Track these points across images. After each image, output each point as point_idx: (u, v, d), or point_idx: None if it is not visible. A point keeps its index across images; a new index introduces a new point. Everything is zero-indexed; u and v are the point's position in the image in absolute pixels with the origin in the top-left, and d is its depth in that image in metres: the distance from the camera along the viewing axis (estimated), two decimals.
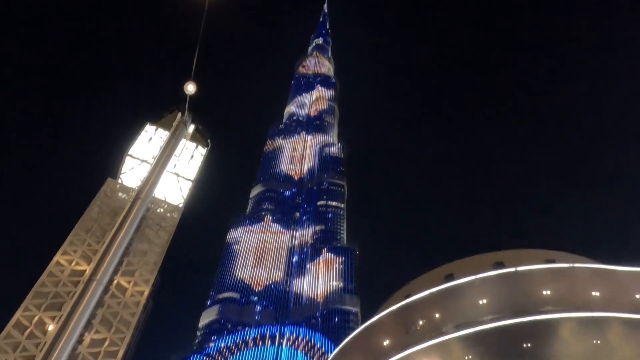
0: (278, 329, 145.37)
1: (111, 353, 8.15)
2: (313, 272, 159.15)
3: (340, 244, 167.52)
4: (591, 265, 45.44)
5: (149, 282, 10.20)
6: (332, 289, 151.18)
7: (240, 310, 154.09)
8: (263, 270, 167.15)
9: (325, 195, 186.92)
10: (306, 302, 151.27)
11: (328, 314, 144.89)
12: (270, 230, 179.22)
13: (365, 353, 48.80)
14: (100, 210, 11.72)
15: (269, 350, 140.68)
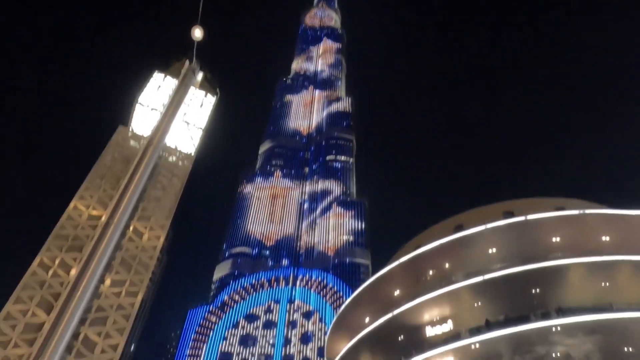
0: (292, 271, 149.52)
1: (132, 293, 8.52)
2: (324, 227, 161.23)
3: (350, 198, 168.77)
4: (601, 211, 45.31)
5: (164, 228, 10.43)
6: (342, 243, 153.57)
7: (252, 264, 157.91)
8: (274, 225, 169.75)
9: (334, 150, 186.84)
10: (317, 256, 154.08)
11: (339, 266, 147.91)
12: (280, 186, 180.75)
13: (377, 303, 49.94)
14: (113, 157, 11.85)
15: (283, 291, 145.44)
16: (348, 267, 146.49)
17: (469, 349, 39.62)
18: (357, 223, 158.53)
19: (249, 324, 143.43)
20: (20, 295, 7.99)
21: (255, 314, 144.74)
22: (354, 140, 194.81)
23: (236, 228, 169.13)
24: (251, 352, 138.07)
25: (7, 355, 7.01)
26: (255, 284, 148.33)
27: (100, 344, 8.02)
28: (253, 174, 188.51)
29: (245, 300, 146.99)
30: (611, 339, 36.77)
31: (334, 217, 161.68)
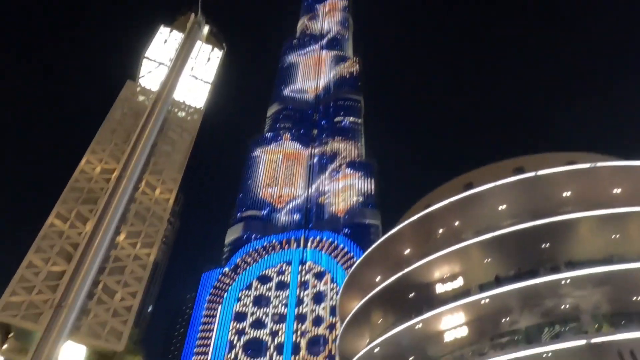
0: (302, 233, 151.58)
1: (147, 244, 8.74)
2: (333, 188, 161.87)
3: (359, 159, 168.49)
4: (613, 163, 44.70)
5: (176, 181, 10.56)
6: (352, 204, 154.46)
7: (263, 226, 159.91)
8: (284, 188, 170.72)
9: (342, 111, 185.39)
10: (328, 218, 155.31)
11: (349, 228, 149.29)
12: (289, 148, 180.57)
13: (388, 262, 50.49)
14: (122, 112, 11.89)
15: (295, 253, 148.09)
16: (358, 228, 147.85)
17: (478, 304, 40.23)
18: (367, 184, 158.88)
19: (262, 286, 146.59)
20: (40, 245, 8.30)
21: (268, 276, 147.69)
22: (362, 101, 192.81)
23: (246, 191, 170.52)
24: (265, 312, 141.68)
25: (33, 301, 7.33)
26: (266, 246, 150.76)
27: (120, 292, 8.38)
28: (261, 136, 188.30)
29: (257, 263, 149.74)
30: (620, 290, 37.10)
31: (343, 178, 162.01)
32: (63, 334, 5.78)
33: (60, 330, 5.70)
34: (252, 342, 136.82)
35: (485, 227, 44.08)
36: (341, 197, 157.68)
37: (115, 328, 6.31)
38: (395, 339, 44.37)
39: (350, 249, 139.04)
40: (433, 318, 42.24)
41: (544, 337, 37.07)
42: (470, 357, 39.42)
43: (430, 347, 44.31)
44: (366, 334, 52.72)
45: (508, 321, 40.36)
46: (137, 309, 7.30)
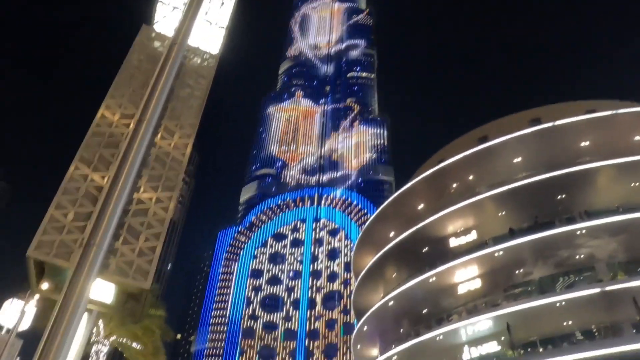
0: (316, 191, 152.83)
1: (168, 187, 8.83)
2: (346, 145, 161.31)
3: (372, 115, 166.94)
4: (635, 109, 42.93)
5: (194, 126, 10.64)
6: (366, 161, 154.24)
7: (277, 184, 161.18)
8: (297, 145, 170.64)
9: (355, 67, 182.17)
10: (341, 175, 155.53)
11: (363, 184, 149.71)
12: (302, 105, 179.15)
13: (402, 217, 50.53)
14: (139, 58, 11.86)
15: (309, 210, 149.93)
16: (372, 184, 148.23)
17: (492, 257, 40.38)
18: (380, 140, 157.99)
19: (277, 243, 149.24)
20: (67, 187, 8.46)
21: (283, 233, 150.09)
22: (375, 56, 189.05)
23: (260, 150, 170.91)
24: (280, 269, 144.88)
25: (63, 240, 7.63)
26: (281, 204, 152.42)
27: (144, 233, 8.56)
28: (274, 94, 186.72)
29: (272, 220, 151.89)
30: (636, 238, 36.69)
31: (356, 135, 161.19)
32: (93, 271, 6.00)
33: (90, 268, 5.92)
34: (269, 298, 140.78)
35: (500, 181, 43.62)
36: (354, 154, 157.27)
37: (141, 267, 6.53)
38: (409, 292, 45.05)
39: (363, 206, 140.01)
40: (447, 271, 42.65)
41: (558, 287, 37.28)
42: (483, 309, 39.99)
43: (443, 300, 45.00)
44: (380, 288, 53.65)
45: (522, 272, 40.65)
46: (160, 250, 7.51)
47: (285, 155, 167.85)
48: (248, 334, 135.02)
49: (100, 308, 6.88)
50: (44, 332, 5.05)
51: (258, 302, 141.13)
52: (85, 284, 5.33)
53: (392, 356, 45.28)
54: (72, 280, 5.41)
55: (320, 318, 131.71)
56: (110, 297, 6.71)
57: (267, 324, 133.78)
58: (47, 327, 5.14)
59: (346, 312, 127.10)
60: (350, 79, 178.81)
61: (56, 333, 5.00)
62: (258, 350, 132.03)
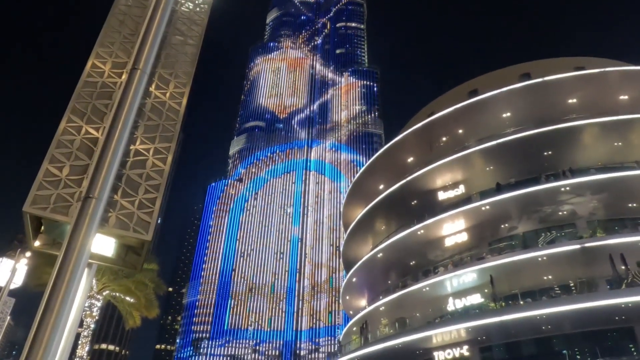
0: (306, 143, 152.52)
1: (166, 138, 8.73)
2: (336, 97, 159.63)
3: (361, 67, 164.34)
4: (622, 68, 43.47)
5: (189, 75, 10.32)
6: (355, 113, 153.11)
7: (267, 137, 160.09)
8: (286, 97, 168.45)
9: (344, 17, 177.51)
10: (330, 127, 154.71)
11: (353, 136, 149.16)
12: (290, 56, 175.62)
13: (391, 170, 51.00)
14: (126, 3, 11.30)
15: (299, 163, 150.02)
16: (362, 136, 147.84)
17: (479, 210, 41.15)
18: (370, 92, 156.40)
19: (267, 195, 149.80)
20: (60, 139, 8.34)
21: (273, 186, 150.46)
22: (364, 5, 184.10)
23: (248, 102, 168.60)
24: (270, 221, 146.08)
25: (60, 194, 7.59)
26: (270, 156, 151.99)
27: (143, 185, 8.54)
28: (262, 45, 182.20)
29: (262, 173, 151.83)
30: (616, 196, 37.77)
31: (345, 87, 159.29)
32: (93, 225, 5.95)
33: (90, 221, 5.87)
34: (259, 250, 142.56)
35: (489, 135, 43.92)
36: (344, 106, 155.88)
37: (142, 219, 6.52)
38: (397, 244, 45.98)
39: (353, 158, 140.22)
40: (434, 224, 43.44)
41: (540, 242, 38.35)
42: (468, 261, 41.08)
43: (430, 252, 46.08)
44: (369, 240, 54.67)
45: (507, 227, 41.63)
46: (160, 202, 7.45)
47: (274, 107, 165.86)
48: (238, 286, 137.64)
49: (101, 261, 6.81)
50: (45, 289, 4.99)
51: (248, 254, 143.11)
52: (86, 238, 5.24)
53: (380, 307, 46.71)
54: (72, 234, 5.30)
55: (308, 267, 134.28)
56: (111, 250, 6.63)
57: (256, 275, 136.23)
58: (48, 284, 5.06)
59: (335, 263, 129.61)
60: (339, 28, 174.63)
61: (58, 289, 4.93)
62: (248, 301, 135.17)
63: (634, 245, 33.60)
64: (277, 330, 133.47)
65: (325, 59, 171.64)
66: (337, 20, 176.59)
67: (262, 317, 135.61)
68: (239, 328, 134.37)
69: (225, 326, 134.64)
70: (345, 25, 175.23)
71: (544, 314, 33.45)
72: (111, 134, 9.18)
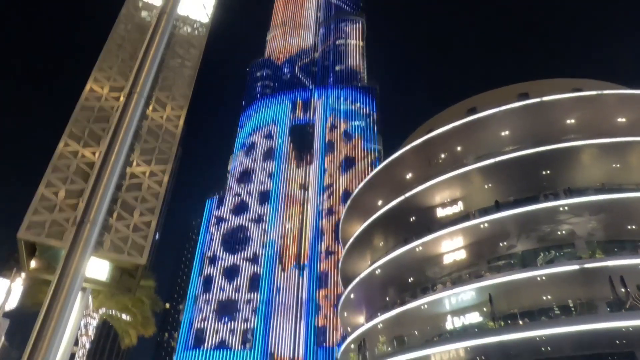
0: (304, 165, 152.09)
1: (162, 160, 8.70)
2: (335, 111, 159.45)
3: (360, 83, 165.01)
4: (619, 91, 44.13)
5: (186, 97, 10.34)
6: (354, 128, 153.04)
7: None
8: None
9: (344, 33, 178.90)
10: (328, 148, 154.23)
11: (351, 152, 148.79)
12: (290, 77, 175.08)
13: (390, 186, 51.03)
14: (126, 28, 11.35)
15: None
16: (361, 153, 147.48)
17: (478, 228, 41.12)
18: (369, 108, 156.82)
19: None
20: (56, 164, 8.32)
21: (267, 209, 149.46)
22: (364, 22, 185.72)
23: (248, 119, 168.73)
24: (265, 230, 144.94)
25: (55, 219, 7.53)
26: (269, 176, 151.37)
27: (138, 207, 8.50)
28: (262, 61, 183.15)
29: None
30: (615, 218, 37.85)
31: (345, 102, 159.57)
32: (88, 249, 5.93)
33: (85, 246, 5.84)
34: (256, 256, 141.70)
35: (488, 153, 44.16)
36: (342, 120, 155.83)
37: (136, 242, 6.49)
38: (396, 261, 45.82)
39: None
40: (433, 241, 43.36)
41: (539, 262, 38.24)
42: (467, 279, 40.90)
43: (429, 269, 45.90)
44: (368, 256, 54.46)
45: (505, 245, 41.53)
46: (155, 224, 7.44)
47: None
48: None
49: (95, 285, 6.81)
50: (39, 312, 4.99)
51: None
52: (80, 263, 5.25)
53: (378, 324, 46.37)
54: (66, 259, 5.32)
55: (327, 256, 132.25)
56: (105, 274, 6.63)
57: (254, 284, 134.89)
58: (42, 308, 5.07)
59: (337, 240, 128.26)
60: (339, 45, 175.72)
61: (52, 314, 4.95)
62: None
63: (634, 268, 33.54)
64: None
65: (324, 75, 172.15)
66: (337, 37, 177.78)
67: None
68: (237, 346, 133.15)
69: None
70: (344, 42, 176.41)
71: (543, 335, 33.22)
72: (107, 157, 9.21)
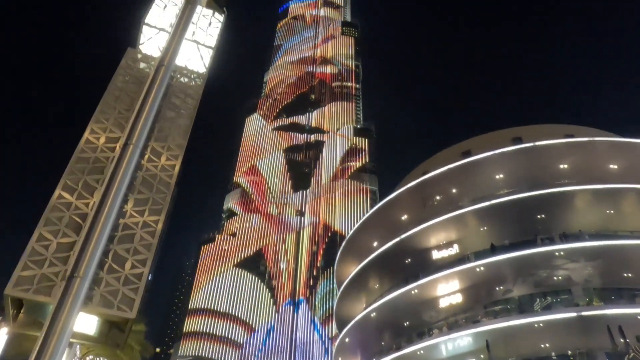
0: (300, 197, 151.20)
1: (155, 211, 8.63)
2: (331, 152, 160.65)
3: (357, 125, 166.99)
4: (610, 139, 44.98)
5: (181, 147, 10.43)
6: (350, 169, 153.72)
7: None
8: None
9: (340, 77, 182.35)
10: (325, 182, 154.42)
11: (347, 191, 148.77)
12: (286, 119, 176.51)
13: (385, 227, 50.80)
14: (124, 80, 11.56)
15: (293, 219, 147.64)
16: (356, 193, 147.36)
17: (473, 271, 40.84)
18: (365, 148, 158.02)
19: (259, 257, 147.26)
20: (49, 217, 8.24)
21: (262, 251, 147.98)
22: (360, 66, 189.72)
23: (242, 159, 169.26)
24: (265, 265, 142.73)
25: (44, 273, 7.34)
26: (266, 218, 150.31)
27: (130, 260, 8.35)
28: (258, 102, 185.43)
29: None
30: (611, 265, 37.73)
31: (341, 143, 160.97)
32: (76, 305, 5.80)
33: (73, 302, 5.72)
34: None
35: (482, 196, 44.32)
36: (339, 161, 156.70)
37: (126, 295, 6.36)
38: (391, 304, 45.20)
39: None
40: (429, 284, 42.92)
41: (536, 307, 37.82)
42: (464, 324, 40.27)
43: (425, 313, 45.21)
44: (363, 298, 53.69)
45: (502, 290, 41.10)
46: (147, 276, 7.38)
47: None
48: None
49: (83, 340, 6.70)
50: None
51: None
52: (68, 319, 5.19)
53: None
54: (54, 315, 5.26)
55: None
56: (93, 328, 6.54)
57: None
58: None
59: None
60: (335, 88, 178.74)
61: None
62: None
63: (633, 318, 33.18)
64: None
65: (320, 116, 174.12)
66: (333, 80, 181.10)
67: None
68: None
69: None
70: (341, 85, 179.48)
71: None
72: (101, 209, 9.24)
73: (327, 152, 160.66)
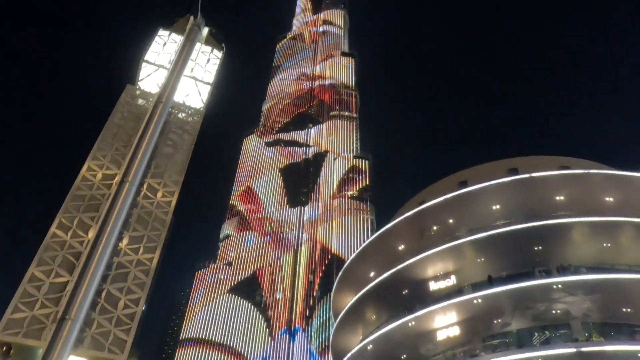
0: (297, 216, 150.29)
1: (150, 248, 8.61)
2: (327, 182, 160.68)
3: (354, 154, 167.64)
4: (606, 171, 45.23)
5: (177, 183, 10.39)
6: (347, 198, 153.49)
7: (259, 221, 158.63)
8: None
9: (338, 105, 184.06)
10: (324, 201, 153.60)
11: None
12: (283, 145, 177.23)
13: (382, 257, 50.59)
14: (122, 116, 11.60)
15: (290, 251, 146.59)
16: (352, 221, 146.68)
17: (471, 303, 40.44)
18: (361, 178, 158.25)
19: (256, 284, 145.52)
20: (42, 257, 8.17)
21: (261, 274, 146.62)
22: (357, 96, 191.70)
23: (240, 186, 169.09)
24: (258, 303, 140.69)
25: (35, 315, 7.23)
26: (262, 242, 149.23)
27: (123, 299, 8.25)
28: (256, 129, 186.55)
29: None
30: (610, 299, 37.46)
31: (338, 173, 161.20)
32: (67, 348, 5.69)
33: (64, 345, 5.63)
34: None
35: (480, 226, 44.35)
36: (336, 191, 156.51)
37: (118, 337, 6.26)
38: (388, 336, 44.58)
39: None
40: (426, 316, 42.44)
41: (535, 341, 37.39)
42: (462, 358, 39.66)
43: (422, 346, 44.56)
44: (359, 330, 52.98)
45: (500, 322, 40.62)
46: (140, 316, 7.24)
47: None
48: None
49: None
50: None
51: None
52: None
53: None
54: (43, 359, 5.12)
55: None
56: None
57: None
58: None
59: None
60: (332, 117, 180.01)
61: None
62: None
63: (633, 356, 32.77)
64: None
65: (318, 145, 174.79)
66: (331, 109, 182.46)
67: None
68: None
69: None
70: (338, 114, 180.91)
71: None
72: (95, 248, 9.23)
73: (325, 171, 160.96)
